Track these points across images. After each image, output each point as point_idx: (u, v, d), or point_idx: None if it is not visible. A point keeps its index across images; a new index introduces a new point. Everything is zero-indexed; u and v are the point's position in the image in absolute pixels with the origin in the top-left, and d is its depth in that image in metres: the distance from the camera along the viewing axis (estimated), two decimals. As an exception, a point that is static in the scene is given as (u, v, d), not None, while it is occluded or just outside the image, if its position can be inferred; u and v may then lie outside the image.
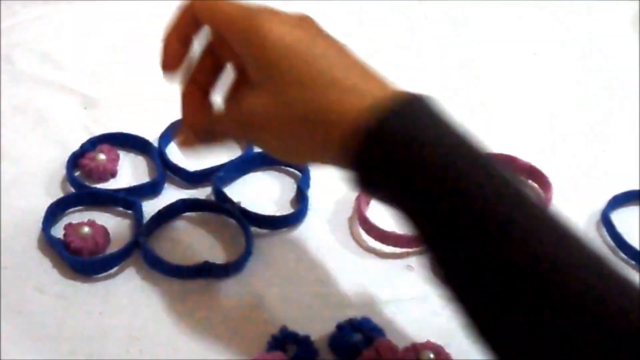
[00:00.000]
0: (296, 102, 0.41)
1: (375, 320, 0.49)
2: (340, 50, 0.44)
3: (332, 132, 0.41)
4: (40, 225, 0.53)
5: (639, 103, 0.68)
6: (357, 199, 0.56)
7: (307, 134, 0.42)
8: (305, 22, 0.44)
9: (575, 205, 0.57)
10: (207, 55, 0.48)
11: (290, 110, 0.42)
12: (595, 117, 0.67)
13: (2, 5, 0.76)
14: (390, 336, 0.48)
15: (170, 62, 0.47)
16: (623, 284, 0.35)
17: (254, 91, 0.43)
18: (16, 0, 0.76)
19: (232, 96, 0.48)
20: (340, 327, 0.48)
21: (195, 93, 0.48)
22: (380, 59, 0.71)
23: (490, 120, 0.65)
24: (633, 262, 0.53)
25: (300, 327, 0.48)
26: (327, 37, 0.44)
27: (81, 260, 0.51)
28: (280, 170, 0.60)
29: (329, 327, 0.48)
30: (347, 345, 0.47)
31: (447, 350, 0.47)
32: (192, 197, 0.57)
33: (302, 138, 0.42)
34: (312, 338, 0.48)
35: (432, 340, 0.47)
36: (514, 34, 0.76)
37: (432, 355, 0.46)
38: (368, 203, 0.56)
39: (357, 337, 0.47)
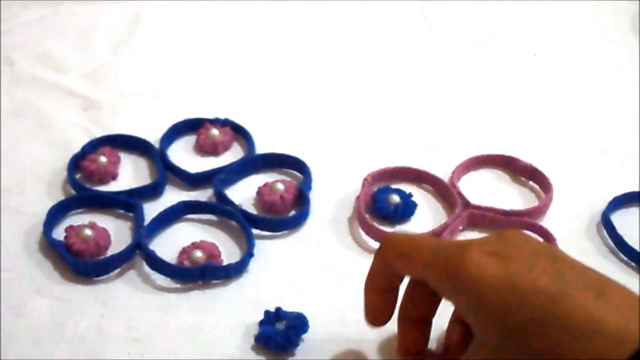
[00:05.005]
0: (525, 351, 0.35)
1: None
2: (564, 270, 0.36)
3: None
4: (41, 227, 0.53)
5: (639, 104, 0.68)
6: (357, 200, 0.56)
7: None
8: (508, 247, 0.37)
9: (575, 207, 0.57)
10: (416, 286, 0.42)
11: None
12: (595, 118, 0.66)
13: (2, 6, 0.76)
14: (390, 336, 0.48)
15: (377, 318, 0.44)
16: None
17: (475, 339, 0.38)
18: (16, 1, 0.76)
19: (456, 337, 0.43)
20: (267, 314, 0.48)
21: (410, 325, 0.44)
22: (378, 61, 0.72)
23: (490, 121, 0.65)
24: (633, 264, 0.53)
25: (301, 330, 0.48)
26: (536, 261, 0.36)
27: (82, 263, 0.51)
28: (281, 173, 0.60)
29: (331, 329, 0.49)
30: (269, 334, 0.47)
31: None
32: (193, 199, 0.57)
33: None
34: (314, 340, 0.48)
35: (432, 340, 0.48)
36: (514, 35, 0.76)
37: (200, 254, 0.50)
38: (368, 204, 0.56)
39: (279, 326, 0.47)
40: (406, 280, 0.43)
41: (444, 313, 0.44)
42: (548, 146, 0.63)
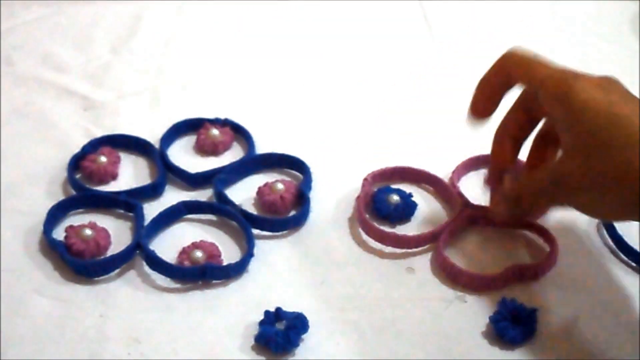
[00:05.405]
0: (606, 165, 0.43)
1: (376, 321, 0.49)
2: None
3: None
4: (41, 227, 0.53)
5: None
6: (357, 200, 0.56)
7: (615, 194, 0.43)
8: (611, 85, 0.46)
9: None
10: (519, 109, 0.51)
11: (601, 174, 0.43)
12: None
13: (2, 6, 0.75)
14: (390, 337, 0.48)
15: (479, 110, 0.52)
16: None
17: (565, 152, 0.46)
18: (16, 2, 0.76)
19: (540, 155, 0.52)
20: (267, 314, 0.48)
21: (506, 140, 0.52)
22: (378, 61, 0.72)
23: (491, 121, 0.65)
24: (633, 264, 0.53)
25: (301, 330, 0.48)
26: (633, 99, 0.45)
27: (82, 263, 0.51)
28: (281, 173, 0.60)
29: (331, 329, 0.49)
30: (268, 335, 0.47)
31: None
32: (193, 199, 0.57)
33: (610, 198, 0.44)
34: (314, 340, 0.48)
35: (433, 341, 0.48)
36: (514, 35, 0.76)
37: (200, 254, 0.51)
38: (368, 204, 0.56)
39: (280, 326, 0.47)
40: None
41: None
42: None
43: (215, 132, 0.61)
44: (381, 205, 0.56)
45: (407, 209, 0.56)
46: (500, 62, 0.50)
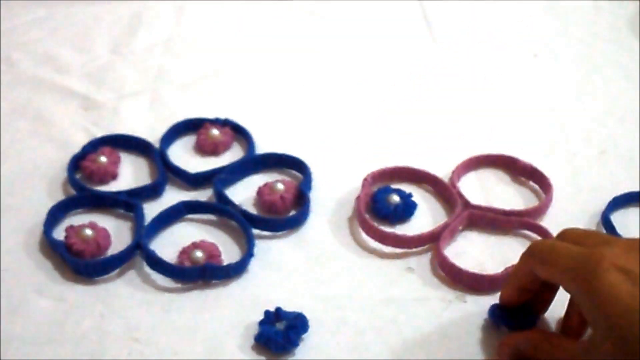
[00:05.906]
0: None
1: (376, 321, 0.49)
2: None
3: None
4: (41, 227, 0.53)
5: (639, 104, 0.68)
6: (357, 200, 0.56)
7: None
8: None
9: (575, 207, 0.57)
10: (542, 288, 0.48)
11: None
12: (595, 118, 0.66)
13: (2, 6, 0.76)
14: (390, 337, 0.48)
15: (512, 301, 0.49)
16: None
17: (594, 337, 0.41)
18: (16, 2, 0.76)
19: (568, 327, 0.48)
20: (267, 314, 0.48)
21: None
22: (378, 61, 0.72)
23: (491, 121, 0.65)
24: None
25: (301, 330, 0.48)
26: None
27: (83, 263, 0.51)
28: (281, 173, 0.60)
29: (331, 329, 0.49)
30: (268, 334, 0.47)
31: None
32: (193, 199, 0.57)
33: None
34: (314, 340, 0.48)
35: (433, 341, 0.48)
36: (514, 36, 0.76)
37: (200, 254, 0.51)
38: (368, 204, 0.56)
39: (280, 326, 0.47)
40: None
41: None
42: (548, 146, 0.63)
43: (215, 132, 0.61)
44: (381, 205, 0.56)
45: (407, 209, 0.56)
46: (523, 260, 0.47)
